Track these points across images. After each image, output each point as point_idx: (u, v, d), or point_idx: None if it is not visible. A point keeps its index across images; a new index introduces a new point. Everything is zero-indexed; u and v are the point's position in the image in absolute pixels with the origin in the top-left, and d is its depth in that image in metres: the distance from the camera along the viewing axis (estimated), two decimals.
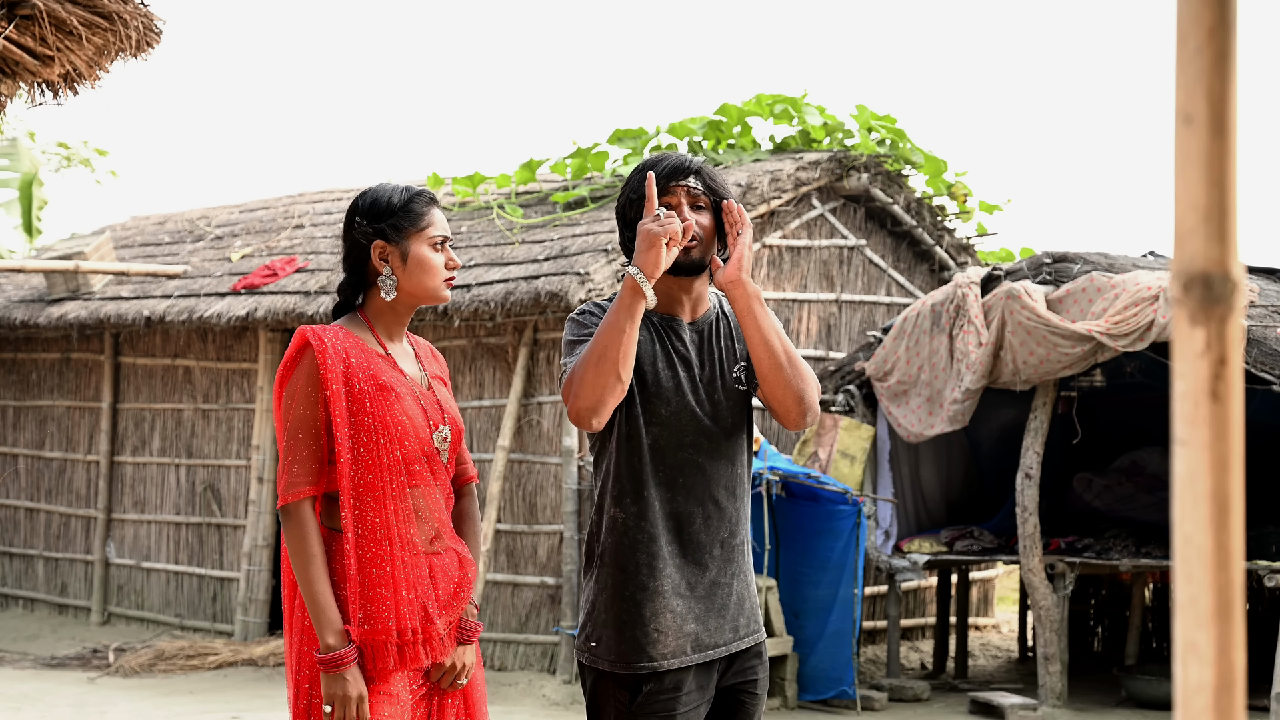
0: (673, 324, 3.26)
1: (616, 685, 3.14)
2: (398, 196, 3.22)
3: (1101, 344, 8.12)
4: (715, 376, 3.26)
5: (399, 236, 3.20)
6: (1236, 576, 1.23)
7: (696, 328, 3.28)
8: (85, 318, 11.43)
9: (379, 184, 3.28)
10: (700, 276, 3.27)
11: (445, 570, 3.23)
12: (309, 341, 3.13)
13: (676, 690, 3.15)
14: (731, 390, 3.26)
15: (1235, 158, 1.23)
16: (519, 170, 10.79)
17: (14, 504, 12.50)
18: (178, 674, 9.69)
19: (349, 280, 3.26)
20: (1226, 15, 1.22)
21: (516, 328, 9.42)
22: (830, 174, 10.33)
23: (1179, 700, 1.24)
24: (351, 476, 3.11)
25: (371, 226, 3.20)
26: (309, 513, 3.10)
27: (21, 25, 4.19)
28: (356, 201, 3.25)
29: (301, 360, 3.13)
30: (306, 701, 3.12)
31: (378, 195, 3.24)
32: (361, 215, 3.22)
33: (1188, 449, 1.23)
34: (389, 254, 3.20)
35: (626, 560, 3.16)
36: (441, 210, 3.31)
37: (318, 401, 3.11)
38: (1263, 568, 8.07)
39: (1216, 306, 1.22)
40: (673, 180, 3.22)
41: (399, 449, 3.14)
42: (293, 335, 3.17)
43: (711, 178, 3.27)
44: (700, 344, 3.27)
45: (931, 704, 8.97)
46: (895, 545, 9.38)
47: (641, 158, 10.57)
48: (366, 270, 3.24)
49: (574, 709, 8.56)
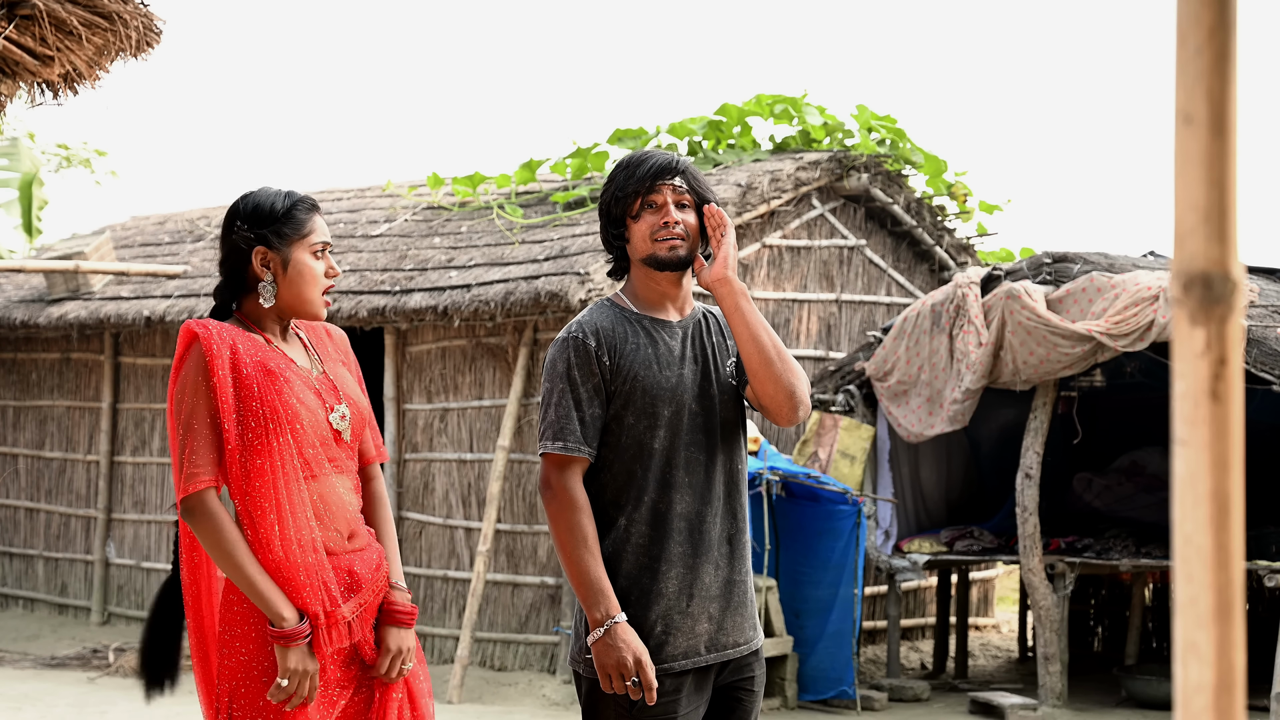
0: (662, 325, 3.28)
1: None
2: (280, 202, 3.18)
3: (1101, 344, 8.12)
4: (710, 373, 3.27)
5: (281, 243, 3.15)
6: (1236, 576, 1.23)
7: (684, 325, 3.30)
8: (85, 318, 11.43)
9: (260, 188, 3.23)
10: (685, 274, 3.30)
11: (366, 563, 3.21)
12: (195, 333, 3.08)
13: (677, 692, 3.15)
14: (726, 385, 3.28)
15: (1235, 158, 1.23)
16: (519, 170, 10.79)
17: (14, 504, 12.50)
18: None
19: (226, 284, 3.21)
20: (1226, 15, 1.22)
21: (516, 328, 9.42)
22: (830, 174, 10.33)
23: (1179, 700, 1.24)
24: (240, 464, 3.05)
25: (253, 231, 3.15)
26: (214, 500, 3.03)
27: (21, 25, 4.19)
28: (237, 205, 3.20)
29: (190, 353, 3.08)
30: (227, 713, 3.06)
31: (259, 200, 3.19)
32: (243, 219, 3.17)
33: (1188, 449, 1.23)
34: (270, 260, 3.15)
35: (632, 566, 3.17)
36: (323, 217, 3.26)
37: (210, 390, 3.05)
38: (1263, 568, 8.07)
39: (1216, 306, 1.22)
40: (659, 179, 3.24)
41: (289, 434, 3.08)
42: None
43: (695, 177, 3.30)
44: (690, 341, 3.29)
45: (931, 704, 8.97)
46: (895, 545, 9.38)
47: None
48: (246, 275, 3.19)
49: (574, 709, 8.56)
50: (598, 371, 3.18)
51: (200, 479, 3.02)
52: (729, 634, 3.22)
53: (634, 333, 3.23)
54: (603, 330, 3.21)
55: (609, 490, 3.20)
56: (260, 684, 3.05)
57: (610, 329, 3.22)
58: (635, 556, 3.17)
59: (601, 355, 3.19)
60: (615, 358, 3.19)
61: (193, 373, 3.06)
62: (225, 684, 3.07)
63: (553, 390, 3.19)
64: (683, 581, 3.17)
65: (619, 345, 3.20)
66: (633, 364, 3.19)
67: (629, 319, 3.25)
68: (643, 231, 3.25)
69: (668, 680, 3.13)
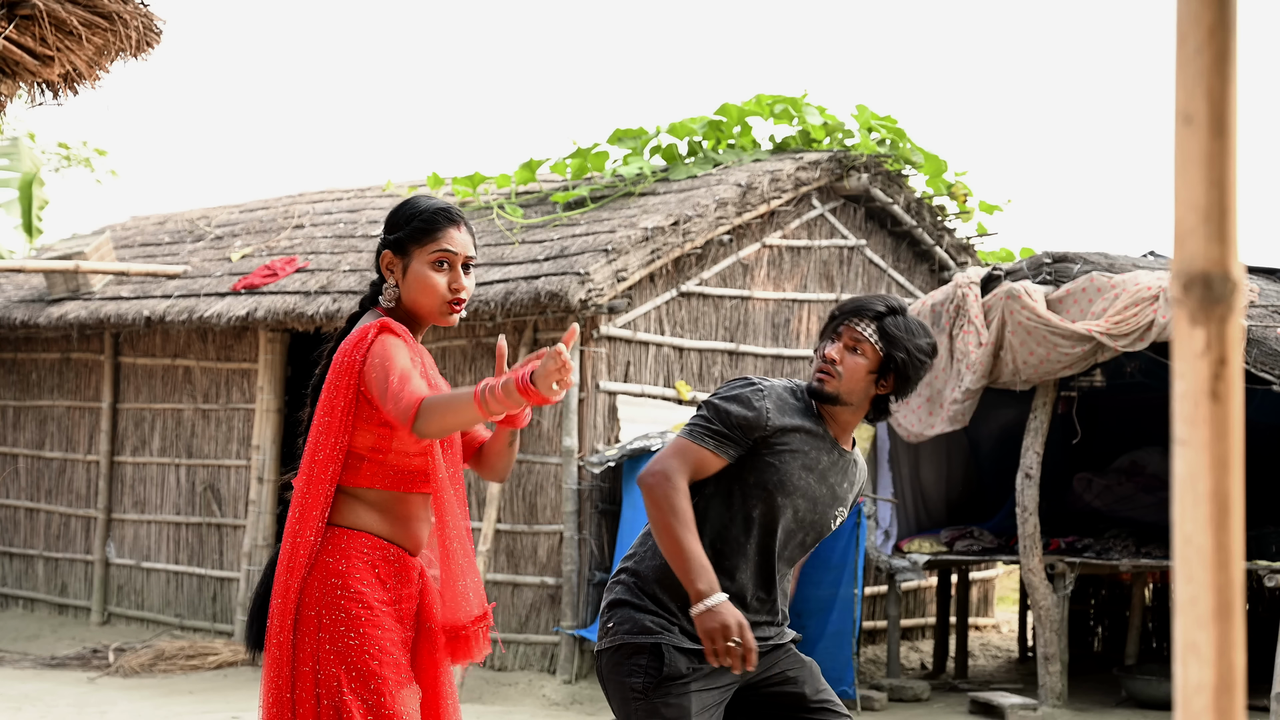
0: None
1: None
2: (419, 210, 3.27)
3: (1101, 344, 8.12)
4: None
5: (402, 251, 3.25)
6: (1236, 576, 1.23)
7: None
8: (85, 318, 11.42)
9: (419, 196, 3.34)
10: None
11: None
12: (384, 325, 3.16)
13: (696, 671, 3.45)
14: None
15: (1235, 158, 1.23)
16: (519, 170, 10.79)
17: (14, 504, 12.49)
18: (178, 674, 9.69)
19: (374, 282, 3.34)
20: (1226, 15, 1.22)
21: (516, 328, 9.42)
22: (830, 174, 10.33)
23: (1179, 700, 1.24)
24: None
25: (387, 235, 3.27)
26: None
27: (21, 25, 4.19)
28: (391, 209, 3.35)
29: (378, 337, 3.17)
30: (335, 699, 3.08)
31: (403, 205, 3.31)
32: (385, 221, 3.32)
33: (1188, 449, 1.23)
34: (393, 264, 3.26)
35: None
36: (464, 232, 3.30)
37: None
38: (1263, 568, 8.07)
39: (1216, 306, 1.22)
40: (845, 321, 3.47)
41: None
42: (357, 327, 3.21)
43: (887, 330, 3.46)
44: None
45: (931, 704, 8.97)
46: (895, 545, 9.38)
47: (641, 158, 10.57)
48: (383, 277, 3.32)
49: (574, 709, 8.56)
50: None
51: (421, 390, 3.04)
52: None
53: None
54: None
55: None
56: (352, 654, 3.10)
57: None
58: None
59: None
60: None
61: (385, 346, 3.11)
62: (334, 669, 3.09)
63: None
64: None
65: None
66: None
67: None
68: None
69: (681, 652, 3.37)
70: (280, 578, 3.16)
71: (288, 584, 3.13)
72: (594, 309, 9.01)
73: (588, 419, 9.21)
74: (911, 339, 3.40)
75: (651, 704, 3.32)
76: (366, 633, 3.10)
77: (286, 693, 3.10)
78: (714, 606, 3.24)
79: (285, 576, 3.14)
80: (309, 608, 3.11)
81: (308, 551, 3.12)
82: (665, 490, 3.31)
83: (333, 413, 3.13)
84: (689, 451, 3.37)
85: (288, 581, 3.13)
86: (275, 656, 3.13)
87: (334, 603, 3.10)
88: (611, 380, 9.34)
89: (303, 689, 3.11)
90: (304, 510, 3.14)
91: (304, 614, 3.11)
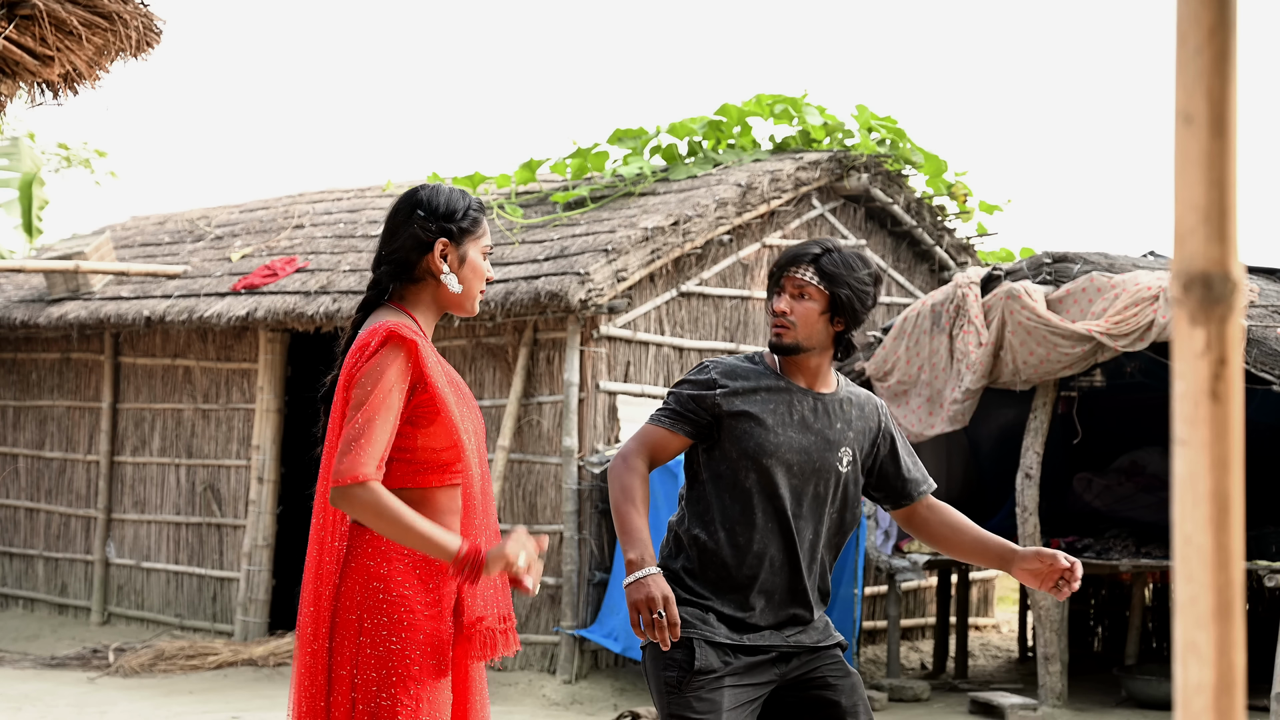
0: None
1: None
2: (461, 200, 3.26)
3: (1101, 344, 8.12)
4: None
5: (460, 239, 3.23)
6: (1236, 576, 1.23)
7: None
8: (85, 318, 11.42)
9: (435, 185, 3.30)
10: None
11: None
12: (404, 338, 3.11)
13: (727, 667, 3.54)
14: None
15: (1235, 158, 1.23)
16: (519, 170, 10.79)
17: (14, 504, 12.49)
18: (178, 674, 9.68)
19: (394, 271, 3.23)
20: (1226, 15, 1.22)
21: (516, 328, 9.42)
22: (830, 174, 10.33)
23: (1179, 700, 1.24)
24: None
25: (437, 225, 3.21)
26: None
27: (21, 25, 4.19)
28: (419, 197, 3.25)
29: (393, 353, 3.10)
30: (373, 704, 3.04)
31: (444, 194, 3.26)
32: (425, 211, 3.22)
33: (1188, 449, 1.23)
34: (449, 253, 3.22)
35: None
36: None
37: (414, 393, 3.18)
38: (1263, 568, 8.07)
39: (1216, 306, 1.22)
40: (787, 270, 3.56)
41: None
42: (381, 333, 3.13)
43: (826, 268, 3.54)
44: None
45: (931, 704, 8.97)
46: (895, 545, 9.38)
47: (641, 158, 10.57)
48: (416, 266, 3.23)
49: (574, 709, 8.56)
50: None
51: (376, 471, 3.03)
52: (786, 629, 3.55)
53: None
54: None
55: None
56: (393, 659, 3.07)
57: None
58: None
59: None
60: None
61: (381, 364, 3.06)
62: (371, 673, 3.06)
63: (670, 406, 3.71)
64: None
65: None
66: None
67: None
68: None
69: (714, 647, 3.44)
70: (310, 584, 3.11)
71: (319, 590, 3.08)
72: (594, 309, 9.01)
73: (588, 419, 9.21)
74: (851, 273, 3.51)
75: (684, 698, 3.39)
76: (409, 637, 3.06)
77: (321, 700, 3.06)
78: (643, 578, 3.34)
79: (315, 584, 3.09)
80: (349, 611, 3.06)
81: (335, 557, 3.08)
82: (618, 470, 3.50)
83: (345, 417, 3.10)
84: (645, 433, 3.54)
85: (318, 588, 3.09)
86: (308, 663, 3.08)
87: (376, 606, 3.06)
88: (611, 380, 9.34)
89: (339, 694, 3.06)
90: (326, 516, 3.10)
91: (343, 617, 3.06)
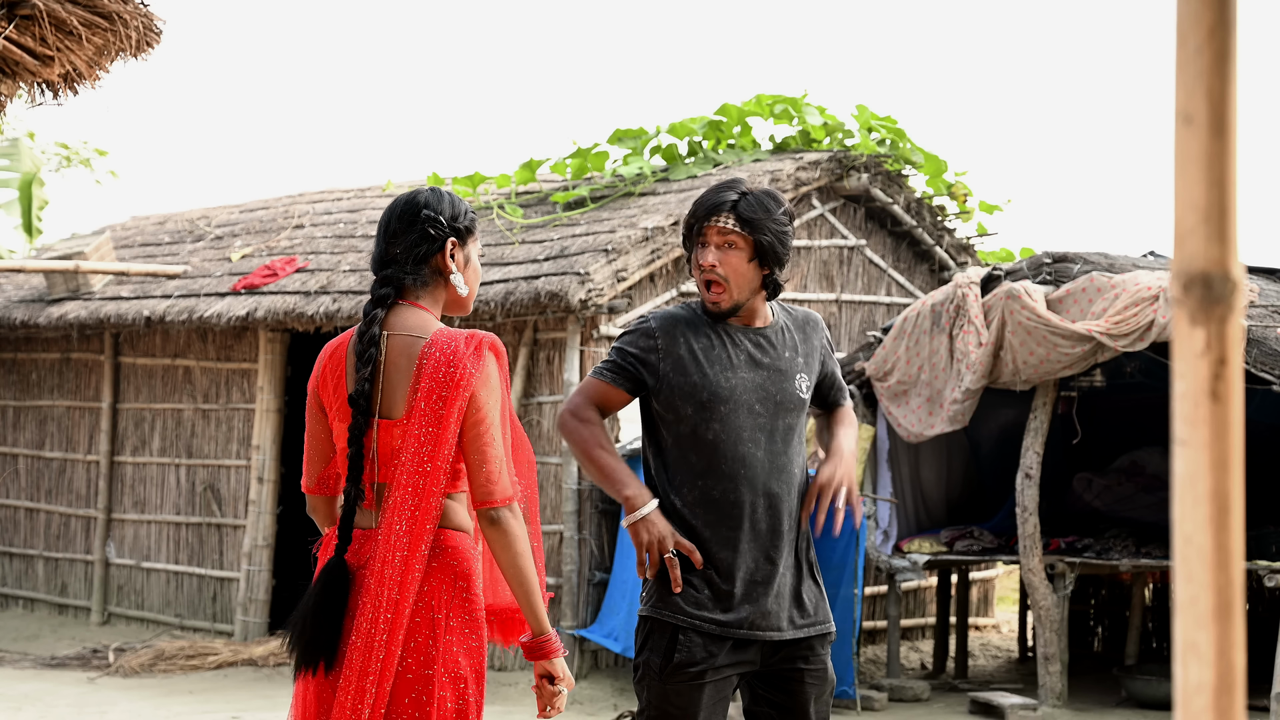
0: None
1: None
2: (460, 202, 3.32)
3: (1101, 344, 8.12)
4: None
5: (465, 240, 3.30)
6: (1236, 576, 1.23)
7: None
8: (85, 318, 11.42)
9: (433, 187, 3.33)
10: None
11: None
12: (497, 347, 3.23)
13: (707, 650, 3.51)
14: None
15: (1235, 158, 1.23)
16: (519, 170, 10.79)
17: (14, 504, 12.49)
18: (178, 674, 9.68)
19: (408, 271, 3.24)
20: (1226, 15, 1.22)
21: (516, 328, 9.42)
22: (830, 174, 10.33)
23: (1179, 700, 1.24)
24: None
25: (448, 225, 3.26)
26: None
27: (21, 25, 4.19)
28: (427, 198, 3.27)
29: (491, 362, 3.21)
30: (461, 699, 3.08)
31: (446, 196, 3.31)
32: (433, 211, 3.25)
33: (1188, 449, 1.23)
34: (457, 253, 3.27)
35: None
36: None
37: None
38: (1263, 568, 8.07)
39: (1216, 306, 1.22)
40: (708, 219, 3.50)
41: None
42: (465, 339, 3.18)
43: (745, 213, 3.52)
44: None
45: (931, 704, 8.96)
46: (895, 545, 9.38)
47: (641, 158, 10.57)
48: (426, 265, 3.25)
49: (573, 709, 8.55)
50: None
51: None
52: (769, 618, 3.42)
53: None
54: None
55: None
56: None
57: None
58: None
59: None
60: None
61: (497, 376, 3.20)
62: (466, 673, 3.10)
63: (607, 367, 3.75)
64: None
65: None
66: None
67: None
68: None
69: (700, 637, 3.34)
70: (389, 589, 3.05)
71: (399, 598, 3.05)
72: (594, 309, 9.00)
73: None
74: (769, 215, 3.48)
75: (663, 689, 3.35)
76: (482, 635, 3.16)
77: (381, 708, 3.03)
78: (647, 515, 3.30)
79: (395, 589, 3.04)
80: (436, 610, 3.08)
81: (422, 563, 3.07)
82: (573, 425, 3.48)
83: (442, 426, 3.07)
84: (588, 386, 3.54)
85: (398, 596, 3.05)
86: (359, 667, 3.03)
87: (462, 604, 3.11)
88: None
89: (424, 691, 3.06)
90: (416, 524, 3.07)
91: (424, 616, 3.07)
